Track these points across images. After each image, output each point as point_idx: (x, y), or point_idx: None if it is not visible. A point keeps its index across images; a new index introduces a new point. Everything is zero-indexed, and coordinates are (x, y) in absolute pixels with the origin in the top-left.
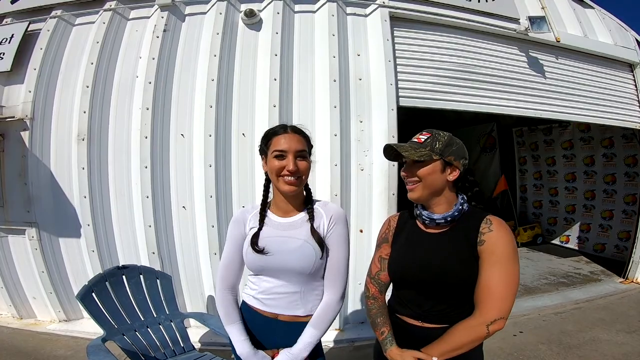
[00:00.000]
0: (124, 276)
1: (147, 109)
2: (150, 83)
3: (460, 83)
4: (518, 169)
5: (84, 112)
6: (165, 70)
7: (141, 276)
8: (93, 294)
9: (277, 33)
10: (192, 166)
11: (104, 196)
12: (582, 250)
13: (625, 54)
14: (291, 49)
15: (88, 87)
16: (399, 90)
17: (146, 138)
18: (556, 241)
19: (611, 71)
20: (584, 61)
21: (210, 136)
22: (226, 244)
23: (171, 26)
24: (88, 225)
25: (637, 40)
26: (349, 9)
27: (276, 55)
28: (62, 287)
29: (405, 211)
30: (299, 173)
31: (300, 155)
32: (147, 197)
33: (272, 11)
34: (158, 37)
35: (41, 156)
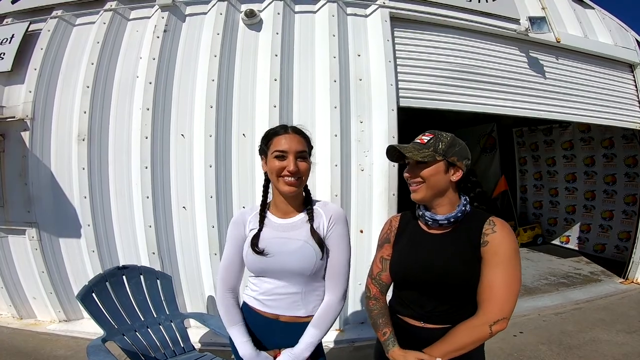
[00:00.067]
0: (124, 276)
1: (148, 109)
2: (150, 83)
3: (460, 83)
4: (518, 170)
5: (85, 113)
6: (165, 70)
7: (141, 276)
8: (93, 294)
9: (278, 33)
10: (193, 166)
11: (104, 196)
12: (582, 250)
13: (625, 55)
14: (291, 50)
15: (88, 88)
16: (400, 90)
17: (146, 138)
18: (556, 241)
19: (611, 71)
20: (584, 61)
21: (210, 136)
22: (226, 246)
23: (171, 26)
24: (88, 225)
25: (637, 40)
26: (349, 10)
27: (276, 55)
28: (62, 287)
29: (407, 212)
30: (299, 174)
31: (300, 155)
32: (148, 198)
33: (273, 11)
34: (158, 38)
35: (41, 156)
